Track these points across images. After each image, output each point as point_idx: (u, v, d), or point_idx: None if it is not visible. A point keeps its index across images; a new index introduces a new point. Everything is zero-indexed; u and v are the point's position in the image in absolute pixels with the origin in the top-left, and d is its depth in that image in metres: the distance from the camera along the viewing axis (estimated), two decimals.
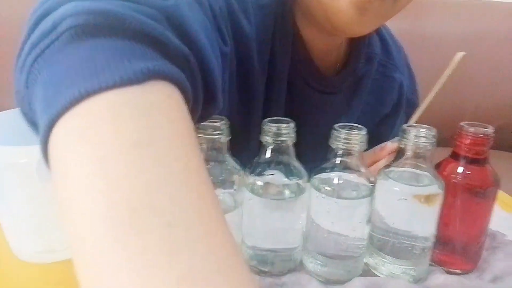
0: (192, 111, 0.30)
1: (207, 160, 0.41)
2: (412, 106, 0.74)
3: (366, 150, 0.42)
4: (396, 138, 0.53)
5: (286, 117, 0.42)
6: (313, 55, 0.61)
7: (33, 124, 0.28)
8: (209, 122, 0.40)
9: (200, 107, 0.33)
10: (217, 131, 0.41)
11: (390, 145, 0.58)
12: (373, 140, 0.47)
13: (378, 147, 0.59)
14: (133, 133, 0.22)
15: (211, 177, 0.24)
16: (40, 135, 0.24)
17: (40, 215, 0.46)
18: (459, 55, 0.50)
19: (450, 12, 1.60)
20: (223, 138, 0.41)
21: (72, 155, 0.22)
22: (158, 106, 0.24)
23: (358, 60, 0.66)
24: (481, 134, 0.43)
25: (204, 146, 0.41)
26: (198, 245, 0.20)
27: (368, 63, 0.68)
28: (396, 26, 0.75)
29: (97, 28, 0.25)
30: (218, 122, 0.41)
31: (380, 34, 0.71)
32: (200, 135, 0.40)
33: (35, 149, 0.25)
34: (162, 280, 0.19)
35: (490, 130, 0.43)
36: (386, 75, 0.71)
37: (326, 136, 0.42)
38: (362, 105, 0.70)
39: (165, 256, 0.19)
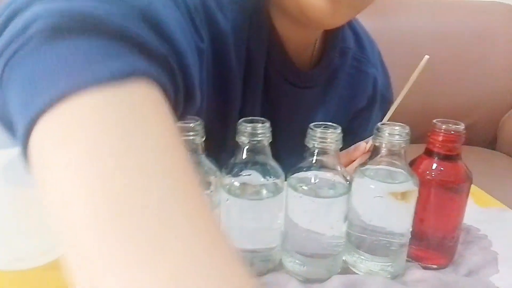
0: (173, 110, 0.30)
1: None
2: (387, 102, 0.75)
3: (342, 147, 0.42)
4: (370, 138, 0.54)
5: (263, 113, 0.42)
6: (289, 50, 0.61)
7: (8, 126, 0.28)
8: (183, 123, 0.39)
9: (181, 106, 0.33)
10: (191, 132, 0.40)
11: (364, 145, 0.58)
12: (349, 134, 0.47)
13: (352, 147, 0.59)
14: (117, 134, 0.22)
15: None
16: (19, 137, 0.24)
17: (8, 221, 0.44)
18: (425, 58, 0.52)
19: (421, 11, 1.63)
20: (198, 139, 0.41)
21: (57, 158, 0.22)
22: (141, 104, 0.24)
23: (332, 54, 0.66)
24: (453, 131, 0.44)
25: None
26: (188, 244, 0.20)
27: (341, 57, 0.68)
28: (369, 24, 0.76)
29: (72, 29, 0.25)
30: (192, 122, 0.40)
31: (354, 29, 0.71)
32: None
33: (0, 153, 0.24)
34: (151, 278, 0.19)
35: (461, 127, 0.44)
36: (360, 69, 0.71)
37: (303, 131, 0.42)
38: (338, 99, 0.70)
39: (154, 255, 0.19)
